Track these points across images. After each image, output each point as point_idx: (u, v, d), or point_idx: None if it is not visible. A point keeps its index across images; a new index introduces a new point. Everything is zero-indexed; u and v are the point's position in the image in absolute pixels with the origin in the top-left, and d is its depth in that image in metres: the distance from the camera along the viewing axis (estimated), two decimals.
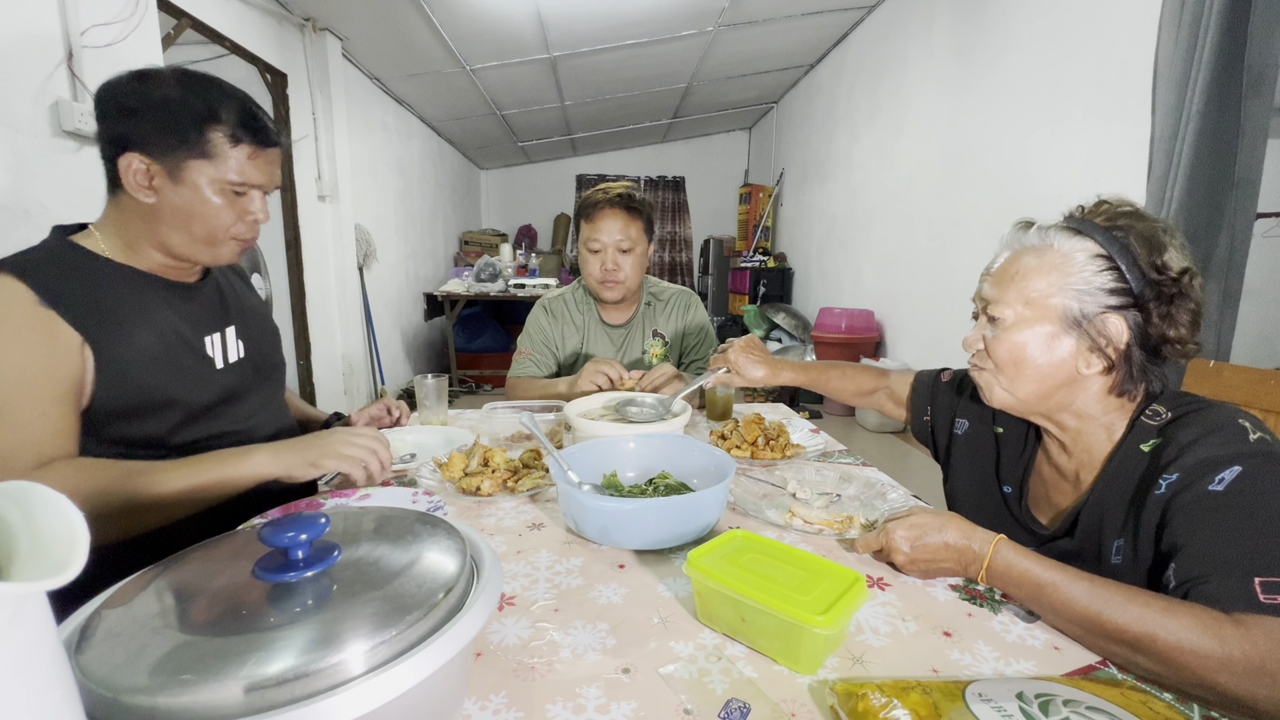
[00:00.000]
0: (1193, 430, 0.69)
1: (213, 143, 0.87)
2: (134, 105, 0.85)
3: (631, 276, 1.56)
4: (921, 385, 1.10)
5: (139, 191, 0.87)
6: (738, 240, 6.73)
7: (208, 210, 0.90)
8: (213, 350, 1.00)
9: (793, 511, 0.89)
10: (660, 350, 1.69)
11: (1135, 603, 0.59)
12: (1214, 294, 1.67)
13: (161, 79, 0.87)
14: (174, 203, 0.88)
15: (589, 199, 1.56)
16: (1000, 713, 0.46)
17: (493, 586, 0.48)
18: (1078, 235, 0.75)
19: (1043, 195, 2.50)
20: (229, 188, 0.90)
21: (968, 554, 0.70)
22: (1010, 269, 0.78)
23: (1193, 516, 0.64)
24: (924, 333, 3.51)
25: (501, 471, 0.99)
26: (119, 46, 2.02)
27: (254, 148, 0.91)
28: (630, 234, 1.53)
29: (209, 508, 0.92)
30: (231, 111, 0.88)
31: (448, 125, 5.54)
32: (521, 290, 4.89)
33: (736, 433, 1.21)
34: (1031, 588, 0.65)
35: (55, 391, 0.80)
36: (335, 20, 3.40)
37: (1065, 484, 0.85)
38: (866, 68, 4.25)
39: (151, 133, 0.85)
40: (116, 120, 0.86)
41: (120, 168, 0.86)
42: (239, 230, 0.94)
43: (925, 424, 1.07)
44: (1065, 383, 0.77)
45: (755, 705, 0.52)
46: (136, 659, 0.38)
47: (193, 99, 0.87)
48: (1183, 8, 1.71)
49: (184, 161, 0.87)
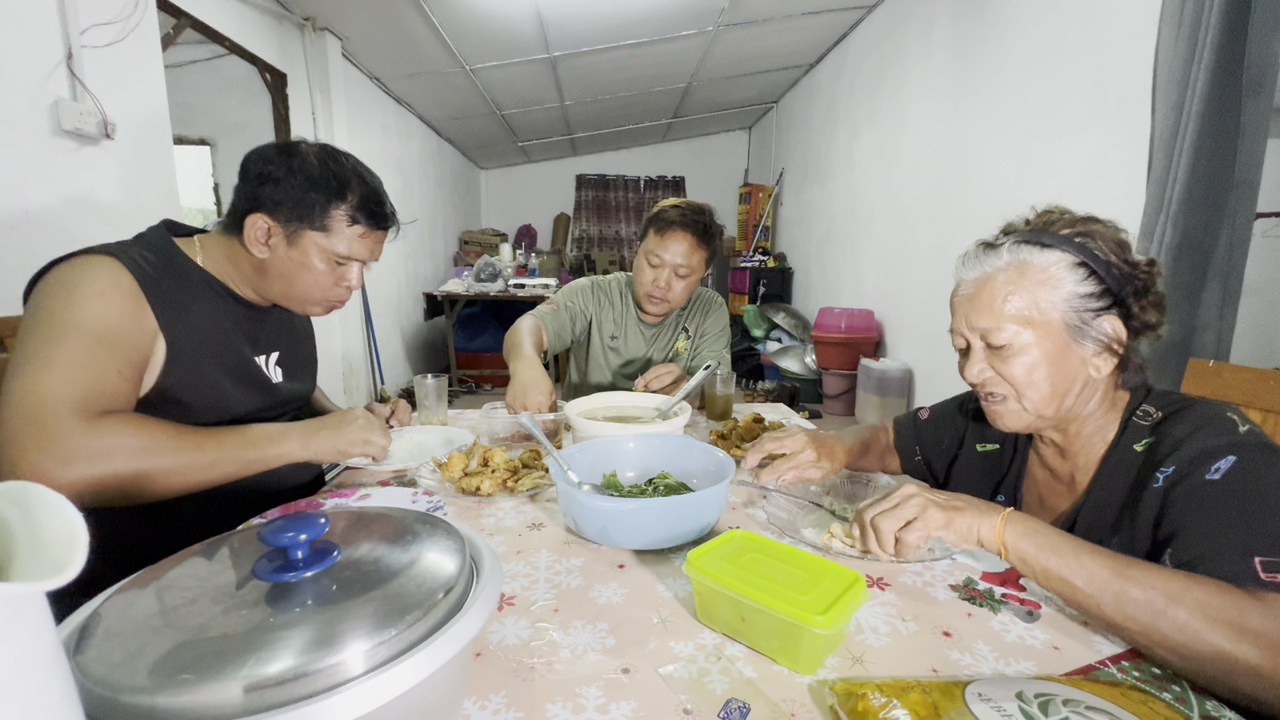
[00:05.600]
0: (1185, 425, 0.71)
1: (333, 219, 0.96)
2: (275, 175, 0.94)
3: (679, 299, 1.57)
4: (903, 429, 1.11)
5: (254, 246, 0.96)
6: (738, 240, 6.72)
7: (309, 275, 0.99)
8: (267, 369, 1.08)
9: (831, 532, 0.83)
10: (684, 344, 1.71)
11: (1157, 570, 0.60)
12: (1214, 294, 1.67)
13: (304, 157, 0.96)
14: (283, 263, 0.97)
15: (665, 214, 1.53)
16: (1000, 712, 0.46)
17: (492, 586, 0.48)
18: (1048, 249, 0.75)
19: (1043, 195, 2.48)
20: (334, 258, 0.99)
21: (984, 505, 0.70)
22: (994, 293, 0.77)
23: (1190, 504, 0.65)
24: (924, 333, 3.50)
25: (501, 471, 0.99)
26: (119, 46, 2.02)
27: (367, 228, 1.00)
28: (692, 261, 1.51)
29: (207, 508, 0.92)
30: (356, 195, 0.97)
31: (447, 125, 5.54)
32: (521, 290, 4.89)
33: (736, 432, 1.21)
34: (1052, 545, 0.64)
35: (132, 358, 0.85)
36: (335, 20, 3.40)
37: (1060, 487, 0.85)
38: (866, 67, 4.25)
39: (283, 201, 0.94)
40: (256, 184, 0.94)
41: (245, 223, 0.95)
42: (333, 294, 1.03)
43: (918, 463, 1.08)
44: (1079, 390, 0.77)
45: (755, 705, 0.52)
46: (136, 659, 0.38)
47: (328, 179, 0.95)
48: (1183, 8, 1.71)
49: (303, 230, 0.96)
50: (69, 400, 0.76)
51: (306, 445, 0.93)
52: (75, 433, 0.74)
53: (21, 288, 0.87)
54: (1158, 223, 1.75)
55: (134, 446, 0.78)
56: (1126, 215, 1.94)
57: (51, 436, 0.73)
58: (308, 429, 0.94)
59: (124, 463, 0.77)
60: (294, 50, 3.36)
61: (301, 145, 0.98)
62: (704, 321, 1.71)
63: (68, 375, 0.77)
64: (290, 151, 0.96)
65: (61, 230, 1.83)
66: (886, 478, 1.05)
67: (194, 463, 0.83)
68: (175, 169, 2.35)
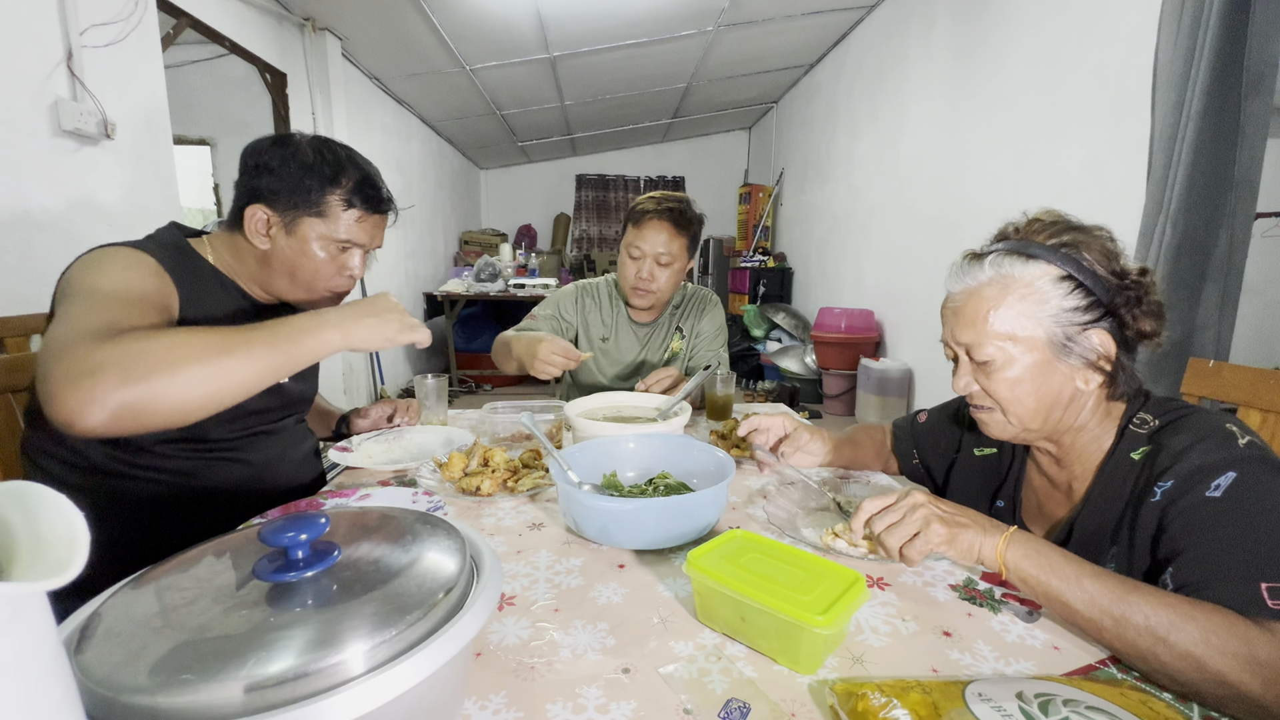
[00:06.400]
0: (1184, 437, 0.69)
1: (329, 204, 0.97)
2: (270, 164, 0.95)
3: (665, 289, 1.55)
4: (901, 432, 1.11)
5: (255, 237, 0.97)
6: (737, 240, 6.72)
7: (310, 263, 0.99)
8: None
9: (835, 532, 0.82)
10: (679, 345, 1.69)
11: (1160, 596, 0.59)
12: (1214, 294, 1.67)
13: (298, 145, 0.97)
14: (284, 252, 0.98)
15: (640, 205, 1.54)
16: (1000, 712, 0.46)
17: (493, 586, 0.48)
18: (1033, 260, 0.74)
19: (1043, 195, 2.50)
20: (334, 244, 0.99)
21: (987, 522, 0.69)
22: (977, 308, 0.76)
23: (1191, 523, 0.64)
24: (924, 333, 3.50)
25: (501, 471, 0.99)
26: (119, 46, 2.02)
27: (363, 212, 1.00)
28: (673, 249, 1.51)
29: (207, 508, 0.92)
30: (351, 179, 0.98)
31: (447, 125, 5.53)
32: (521, 290, 4.89)
33: (736, 433, 1.20)
34: (1054, 566, 0.63)
35: (163, 314, 0.86)
36: (335, 20, 3.40)
37: (1058, 495, 0.85)
38: (866, 67, 4.25)
39: (280, 190, 0.95)
40: (253, 175, 0.96)
41: (245, 215, 0.96)
42: (336, 283, 1.03)
43: (915, 466, 1.08)
44: (1067, 403, 0.77)
45: (755, 705, 0.52)
46: (136, 659, 0.38)
47: (321, 165, 0.96)
48: (1183, 8, 1.71)
49: (300, 218, 0.97)
50: (93, 329, 0.73)
51: (348, 335, 0.83)
52: (100, 349, 0.69)
53: (21, 288, 0.88)
54: (1158, 223, 1.75)
55: (162, 351, 0.71)
56: (1126, 215, 1.95)
57: (78, 358, 0.68)
58: (344, 315, 0.84)
59: (155, 370, 0.69)
60: (294, 50, 3.36)
61: (296, 135, 0.99)
62: (699, 321, 1.69)
63: (95, 315, 0.76)
64: (285, 142, 0.97)
65: (61, 230, 1.83)
66: (886, 478, 1.05)
67: (229, 358, 0.74)
68: (175, 169, 2.36)
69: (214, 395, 0.73)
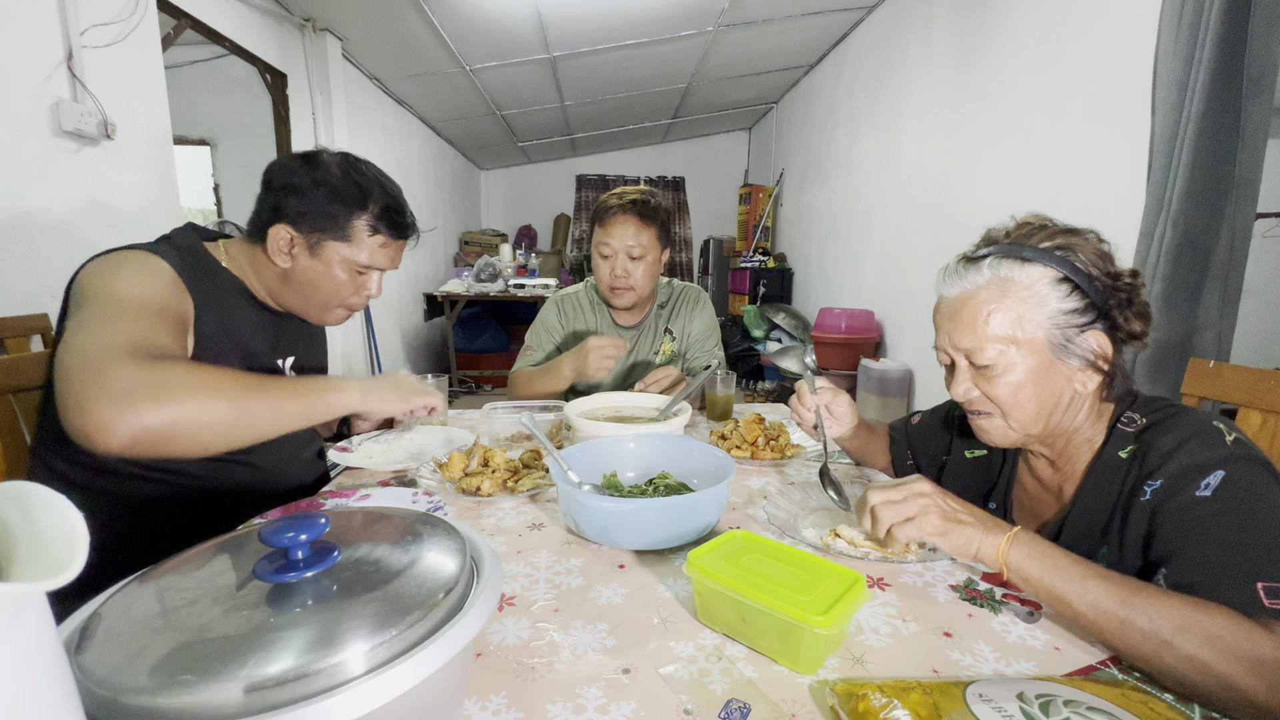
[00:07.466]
0: (1172, 436, 0.69)
1: (354, 229, 0.97)
2: (298, 185, 0.95)
3: (642, 284, 1.54)
4: (897, 434, 1.12)
5: (278, 256, 0.97)
6: (737, 240, 6.72)
7: (330, 284, 1.00)
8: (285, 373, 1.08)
9: (836, 532, 0.82)
10: (669, 347, 1.67)
11: (1164, 598, 0.58)
12: (1214, 294, 1.67)
13: (326, 167, 0.96)
14: (305, 273, 0.99)
15: (602, 203, 1.54)
16: (1000, 713, 0.46)
17: (493, 587, 0.48)
18: (1029, 264, 0.74)
19: (1043, 195, 2.50)
20: (356, 268, 1.00)
21: (991, 522, 0.69)
22: (975, 312, 0.76)
23: (1182, 523, 0.64)
24: (924, 333, 3.50)
25: (501, 471, 0.99)
26: (119, 46, 2.03)
27: (388, 238, 1.01)
28: (642, 241, 1.50)
29: (208, 508, 0.92)
30: (379, 205, 0.98)
31: (448, 125, 5.53)
32: (521, 290, 4.89)
33: (736, 433, 1.21)
34: (1058, 567, 0.63)
35: (178, 327, 0.86)
36: (335, 20, 3.40)
37: (1048, 496, 0.85)
38: (866, 68, 4.25)
39: (306, 212, 0.95)
40: (279, 194, 0.95)
41: (269, 234, 0.96)
42: (352, 301, 1.05)
43: (910, 468, 1.08)
44: (1066, 406, 0.77)
45: (755, 705, 0.52)
46: (136, 659, 0.38)
47: (349, 190, 0.96)
48: (1183, 8, 1.71)
49: (325, 241, 0.97)
50: (125, 345, 0.74)
51: (366, 396, 0.92)
52: (135, 371, 0.71)
53: (22, 288, 0.88)
54: (1158, 223, 1.75)
55: (195, 383, 0.74)
56: (1126, 216, 1.94)
57: (111, 376, 0.70)
58: (364, 383, 0.93)
59: (185, 400, 0.72)
60: (294, 51, 3.36)
61: (323, 155, 0.98)
62: (689, 323, 1.67)
63: (121, 327, 0.77)
64: (312, 162, 0.97)
65: (62, 231, 1.83)
66: (887, 479, 1.05)
67: (256, 401, 0.78)
68: (175, 169, 2.36)
69: (234, 434, 0.78)
